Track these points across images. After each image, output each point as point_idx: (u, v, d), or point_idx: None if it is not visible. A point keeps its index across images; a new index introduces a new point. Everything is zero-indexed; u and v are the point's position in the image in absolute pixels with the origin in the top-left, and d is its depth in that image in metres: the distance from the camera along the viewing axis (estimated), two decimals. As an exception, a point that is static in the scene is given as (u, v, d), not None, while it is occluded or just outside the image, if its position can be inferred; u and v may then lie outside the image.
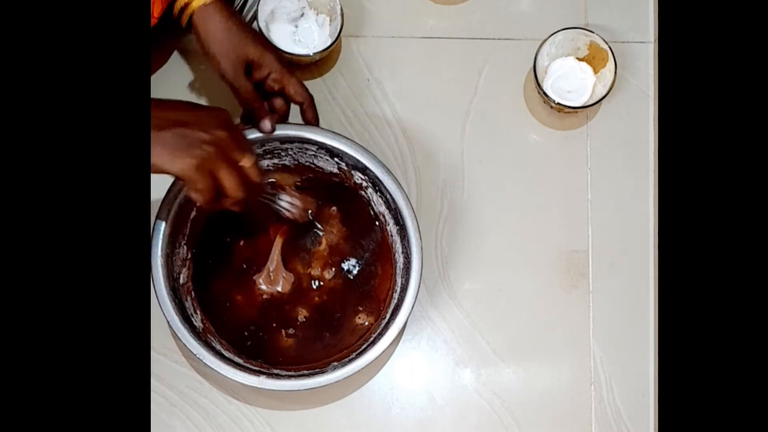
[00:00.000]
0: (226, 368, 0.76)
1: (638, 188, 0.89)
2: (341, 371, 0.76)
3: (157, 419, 0.83)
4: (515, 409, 0.85)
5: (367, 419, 0.85)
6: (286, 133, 0.79)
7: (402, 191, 0.79)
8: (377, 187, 0.80)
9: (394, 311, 0.78)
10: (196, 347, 0.76)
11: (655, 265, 0.87)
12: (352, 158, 0.79)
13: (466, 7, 0.92)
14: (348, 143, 0.79)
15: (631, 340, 0.87)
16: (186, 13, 0.76)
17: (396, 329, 0.77)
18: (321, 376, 0.76)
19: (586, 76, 0.88)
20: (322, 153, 0.81)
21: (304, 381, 0.76)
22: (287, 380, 0.76)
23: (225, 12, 0.76)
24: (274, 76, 0.78)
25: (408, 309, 0.77)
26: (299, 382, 0.76)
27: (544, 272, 0.88)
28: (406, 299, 0.77)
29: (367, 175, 0.80)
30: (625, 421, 0.85)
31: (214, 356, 0.76)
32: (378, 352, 0.76)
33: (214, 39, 0.76)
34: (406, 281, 0.78)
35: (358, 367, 0.76)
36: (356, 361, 0.76)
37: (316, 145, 0.80)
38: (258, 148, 0.80)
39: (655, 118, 0.90)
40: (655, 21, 0.91)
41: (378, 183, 0.79)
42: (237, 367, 0.76)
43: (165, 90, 0.88)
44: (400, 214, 0.79)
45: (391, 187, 0.79)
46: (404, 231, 0.79)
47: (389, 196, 0.79)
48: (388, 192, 0.79)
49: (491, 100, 0.90)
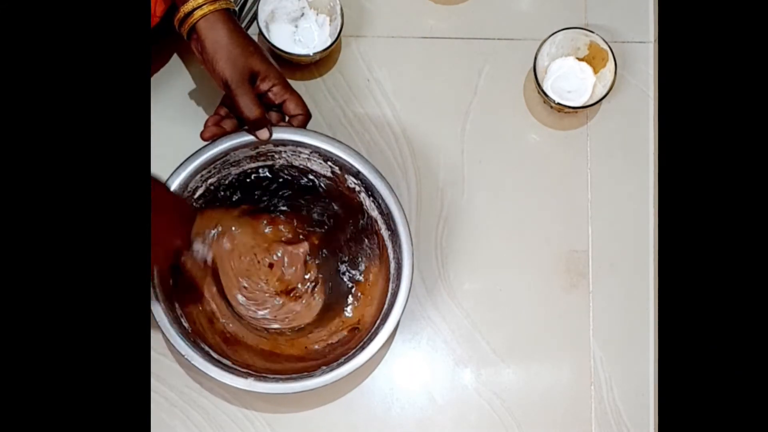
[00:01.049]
0: (214, 370, 0.75)
1: (638, 188, 0.89)
2: (329, 375, 0.76)
3: (157, 419, 0.83)
4: (515, 409, 0.85)
5: (367, 419, 0.85)
6: (280, 137, 0.79)
7: (394, 196, 0.78)
8: (370, 192, 0.80)
9: (383, 317, 0.78)
10: (184, 348, 0.75)
11: (655, 265, 0.87)
12: (345, 162, 0.79)
13: (466, 7, 0.92)
14: (341, 147, 0.79)
15: (631, 340, 0.87)
16: (188, 23, 0.76)
17: (386, 334, 0.76)
18: (309, 380, 0.76)
19: (586, 76, 0.88)
20: (315, 156, 0.81)
21: (292, 384, 0.76)
22: (275, 383, 0.76)
23: (231, 22, 0.77)
24: (277, 90, 0.78)
25: (397, 315, 0.77)
26: (287, 385, 0.76)
27: (544, 272, 0.88)
28: (395, 305, 0.77)
29: (360, 179, 0.80)
30: (625, 421, 0.85)
31: (202, 357, 0.76)
32: (367, 356, 0.76)
33: (221, 46, 0.76)
34: (396, 287, 0.78)
35: (347, 371, 0.76)
36: (345, 365, 0.76)
37: (309, 148, 0.80)
38: (251, 150, 0.80)
39: (655, 118, 0.90)
40: (655, 21, 0.91)
41: (371, 188, 0.79)
42: (225, 368, 0.76)
43: (165, 90, 0.88)
44: (392, 219, 0.78)
45: (384, 192, 0.78)
46: (396, 237, 0.78)
47: (381, 201, 0.79)
48: (380, 197, 0.79)
49: (491, 100, 0.90)
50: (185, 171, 0.78)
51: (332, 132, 0.88)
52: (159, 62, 0.88)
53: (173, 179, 0.78)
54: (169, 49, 0.89)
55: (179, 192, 0.78)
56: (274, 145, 0.80)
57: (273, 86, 0.78)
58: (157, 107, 0.86)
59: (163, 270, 0.77)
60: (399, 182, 0.88)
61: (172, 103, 0.88)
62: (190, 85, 0.89)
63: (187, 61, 0.89)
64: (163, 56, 0.89)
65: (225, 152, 0.79)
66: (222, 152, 0.79)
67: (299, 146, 0.80)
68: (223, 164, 0.80)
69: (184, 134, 0.84)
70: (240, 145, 0.79)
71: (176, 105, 0.88)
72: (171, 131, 0.85)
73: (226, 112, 0.80)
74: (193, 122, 0.86)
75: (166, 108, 0.87)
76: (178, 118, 0.87)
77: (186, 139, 0.82)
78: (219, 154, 0.79)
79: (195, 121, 0.86)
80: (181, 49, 0.89)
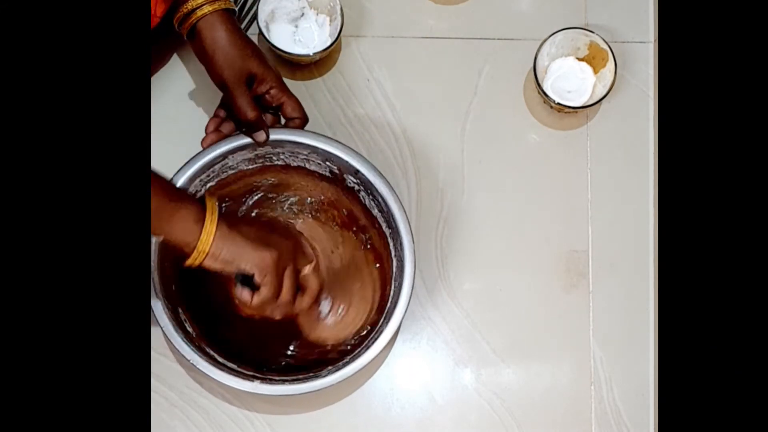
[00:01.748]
0: (219, 373, 0.75)
1: (638, 188, 0.89)
2: (335, 375, 0.76)
3: (157, 419, 0.83)
4: (515, 409, 0.85)
5: (367, 419, 0.85)
6: (278, 137, 0.79)
7: (394, 194, 0.78)
8: (369, 191, 0.80)
9: (386, 316, 0.78)
10: (189, 353, 0.75)
11: (655, 265, 0.87)
12: (343, 162, 0.79)
13: (466, 7, 0.92)
14: (339, 146, 0.79)
15: (631, 340, 0.87)
16: (188, 23, 0.76)
17: (389, 333, 0.76)
18: (315, 381, 0.76)
19: (586, 76, 0.88)
20: (313, 156, 0.81)
21: (298, 386, 0.76)
22: (281, 385, 0.76)
23: (231, 23, 0.77)
24: (274, 92, 0.79)
25: (401, 313, 0.77)
26: (293, 387, 0.76)
27: (544, 272, 0.88)
28: (398, 304, 0.77)
29: (359, 178, 0.80)
30: (625, 421, 0.85)
31: (207, 361, 0.75)
32: (372, 356, 0.76)
33: (220, 47, 0.76)
34: (399, 285, 0.78)
35: (352, 371, 0.76)
36: (350, 365, 0.76)
37: (308, 148, 0.80)
38: (249, 152, 0.80)
39: (655, 118, 0.90)
40: (655, 21, 0.91)
41: (370, 186, 0.79)
42: (230, 372, 0.76)
43: (165, 90, 0.88)
44: (393, 217, 0.78)
45: (383, 191, 0.78)
46: (397, 235, 0.78)
47: (381, 200, 0.79)
48: (380, 195, 0.79)
49: (491, 99, 0.90)
50: (184, 176, 0.78)
51: (332, 132, 0.88)
52: (159, 62, 0.88)
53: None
54: (169, 49, 0.89)
55: None
56: (272, 147, 0.80)
57: (270, 88, 0.78)
58: (157, 107, 0.86)
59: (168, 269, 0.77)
60: (399, 182, 0.88)
61: (172, 103, 0.88)
62: (190, 85, 0.89)
63: (187, 61, 0.89)
64: (163, 56, 0.89)
65: (223, 155, 0.79)
66: (220, 156, 0.79)
67: (297, 147, 0.80)
68: (221, 168, 0.80)
69: (184, 134, 0.84)
70: (238, 148, 0.79)
71: (176, 105, 0.88)
72: (171, 131, 0.85)
73: (225, 114, 0.80)
74: (193, 122, 0.86)
75: (166, 108, 0.87)
76: (178, 118, 0.87)
77: (186, 139, 0.82)
78: (217, 158, 0.79)
79: (195, 121, 0.86)
80: (181, 49, 0.89)
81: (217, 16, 0.76)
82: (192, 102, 0.88)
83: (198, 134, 0.80)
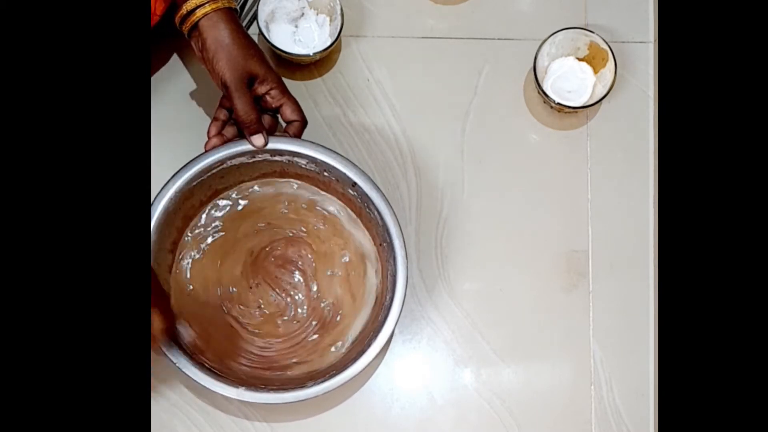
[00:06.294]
0: (205, 378, 0.75)
1: (638, 188, 0.89)
2: (321, 386, 0.75)
3: (157, 419, 0.83)
4: (515, 409, 0.85)
5: (367, 419, 0.85)
6: (277, 146, 0.79)
7: (390, 208, 0.78)
8: (366, 203, 0.80)
9: (376, 330, 0.77)
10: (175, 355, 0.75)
11: (655, 265, 0.87)
12: (341, 173, 0.79)
13: (466, 7, 0.92)
14: (338, 158, 0.79)
15: (631, 340, 0.87)
16: (190, 21, 0.76)
17: (376, 348, 0.76)
18: (300, 390, 0.75)
19: (586, 76, 0.88)
20: (312, 166, 0.81)
21: (283, 395, 0.75)
22: (266, 392, 0.76)
23: (233, 22, 0.76)
24: (274, 93, 0.78)
25: (390, 328, 0.76)
26: (278, 395, 0.75)
27: (544, 272, 0.88)
28: (387, 320, 0.76)
29: (356, 191, 0.80)
30: (625, 421, 0.85)
31: (194, 365, 0.75)
32: (357, 370, 0.76)
33: (222, 46, 0.75)
34: (390, 299, 0.77)
35: (339, 382, 0.75)
36: (337, 376, 0.76)
37: (306, 158, 0.80)
38: (248, 159, 0.80)
39: (655, 118, 0.90)
40: (655, 21, 0.91)
41: (367, 200, 0.79)
42: (216, 377, 0.76)
43: (165, 90, 0.88)
44: (387, 231, 0.78)
45: (379, 204, 0.78)
46: (391, 249, 0.78)
47: (377, 213, 0.79)
48: (376, 209, 0.78)
49: (491, 100, 0.90)
50: (180, 179, 0.78)
51: (332, 132, 0.88)
52: (159, 62, 0.88)
53: (168, 188, 0.78)
54: (169, 49, 0.89)
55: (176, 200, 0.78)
56: (270, 155, 0.80)
57: (271, 89, 0.78)
58: (157, 107, 0.86)
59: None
60: (399, 182, 0.88)
61: (172, 103, 0.88)
62: (190, 85, 0.89)
63: (187, 61, 0.89)
64: (163, 56, 0.89)
65: (221, 161, 0.79)
66: (218, 161, 0.78)
67: (296, 156, 0.80)
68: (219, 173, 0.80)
69: (184, 134, 0.84)
70: (236, 154, 0.79)
71: (176, 105, 0.88)
72: (171, 131, 0.85)
73: (225, 115, 0.80)
74: (193, 122, 0.86)
75: (166, 108, 0.87)
76: (178, 118, 0.87)
77: (186, 139, 0.82)
78: (215, 163, 0.78)
79: (195, 121, 0.86)
80: (181, 49, 0.89)
81: (219, 14, 0.75)
82: (192, 102, 0.88)
83: (198, 134, 0.80)
